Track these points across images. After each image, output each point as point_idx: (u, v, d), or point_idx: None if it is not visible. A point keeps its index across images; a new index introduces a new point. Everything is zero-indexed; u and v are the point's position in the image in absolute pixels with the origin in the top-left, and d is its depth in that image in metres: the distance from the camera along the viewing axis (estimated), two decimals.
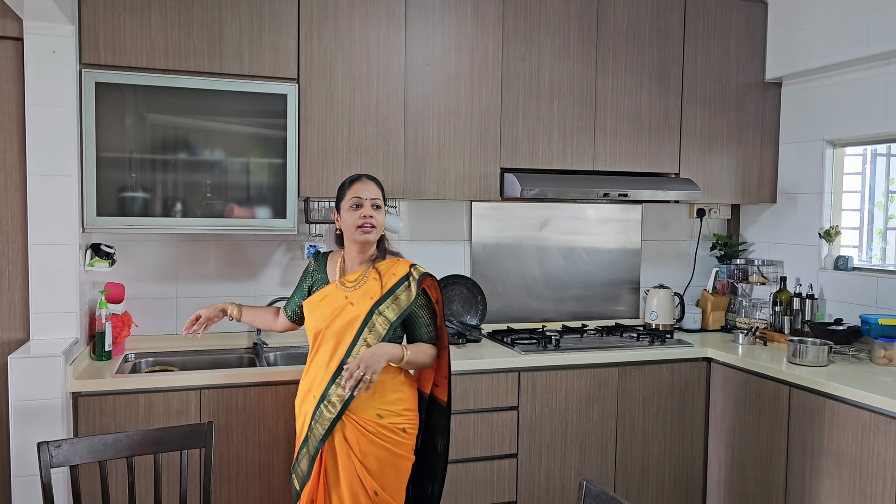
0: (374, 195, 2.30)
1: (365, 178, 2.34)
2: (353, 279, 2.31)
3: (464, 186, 3.19)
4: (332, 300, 2.29)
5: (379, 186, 2.35)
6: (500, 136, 3.23)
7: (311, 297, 2.35)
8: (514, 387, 3.03)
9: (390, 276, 2.30)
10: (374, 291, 2.27)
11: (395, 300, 2.27)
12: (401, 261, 2.35)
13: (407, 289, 2.28)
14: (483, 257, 3.59)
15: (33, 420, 2.40)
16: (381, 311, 2.24)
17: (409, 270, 2.31)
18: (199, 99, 2.83)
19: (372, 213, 2.27)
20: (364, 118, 3.03)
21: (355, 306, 2.25)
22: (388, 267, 2.32)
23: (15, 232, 2.63)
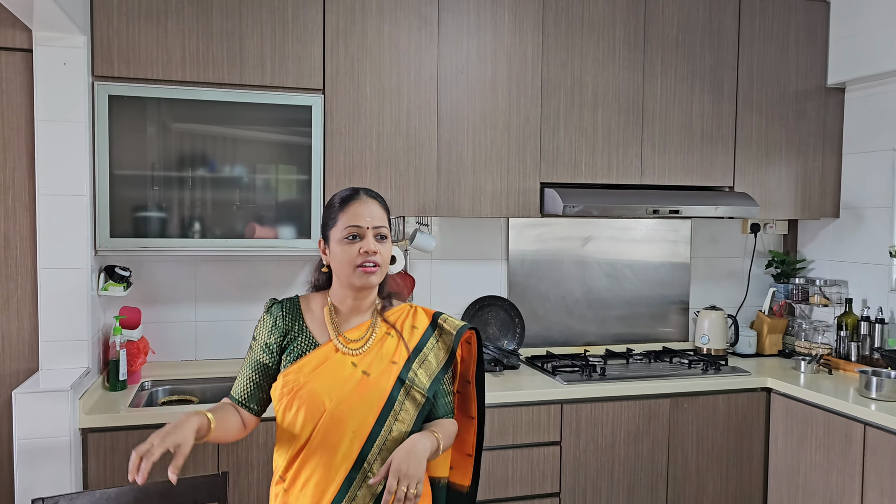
0: (378, 221, 1.64)
1: (365, 196, 1.66)
2: (356, 336, 1.66)
3: (501, 203, 2.97)
4: (333, 368, 1.61)
5: (384, 207, 1.69)
6: (540, 148, 3.00)
7: (299, 364, 1.61)
8: (556, 420, 2.79)
9: (410, 331, 1.71)
10: (394, 352, 1.66)
11: (423, 363, 1.67)
12: (415, 308, 1.77)
13: (436, 347, 1.71)
14: (521, 276, 3.36)
15: (39, 460, 2.23)
16: (413, 380, 1.63)
17: (433, 321, 1.73)
18: (218, 112, 2.66)
19: (376, 246, 1.62)
20: (394, 131, 2.82)
21: (373, 376, 1.61)
22: (401, 317, 1.73)
23: (24, 255, 2.48)
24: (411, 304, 1.79)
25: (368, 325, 1.70)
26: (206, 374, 2.91)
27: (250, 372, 1.68)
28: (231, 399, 1.69)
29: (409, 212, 2.85)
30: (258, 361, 1.67)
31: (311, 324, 1.68)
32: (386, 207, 1.71)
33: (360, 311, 1.70)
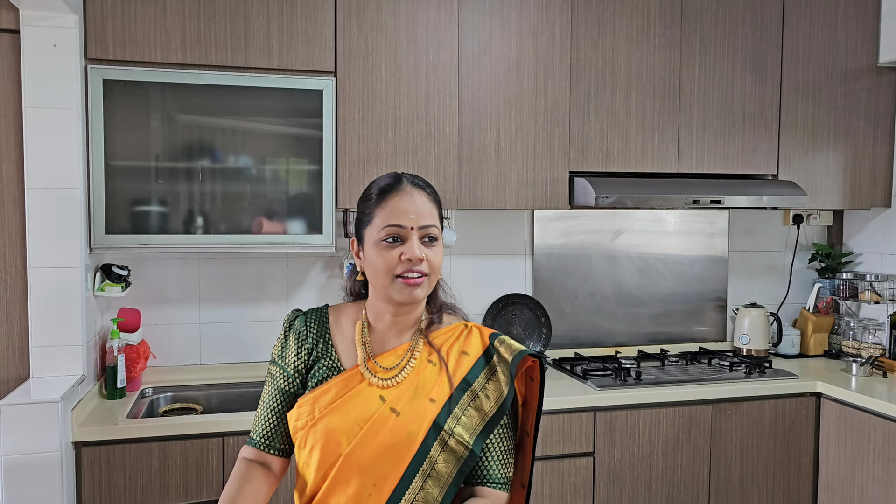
0: (426, 219, 1.31)
1: (409, 185, 1.33)
2: (391, 363, 1.34)
3: (527, 193, 2.74)
4: (357, 401, 1.31)
5: (434, 199, 1.37)
6: (569, 134, 2.78)
7: (315, 394, 1.34)
8: (588, 429, 2.57)
9: (458, 358, 1.35)
10: (433, 385, 1.31)
11: (472, 402, 1.31)
12: (471, 327, 1.40)
13: (490, 381, 1.33)
14: (546, 273, 3.14)
15: (28, 477, 2.04)
16: (453, 427, 1.27)
17: (489, 345, 1.36)
18: (222, 97, 2.45)
19: (423, 252, 1.30)
20: (412, 116, 2.61)
21: (403, 416, 1.28)
22: (450, 338, 1.37)
23: (13, 254, 2.29)
24: (467, 322, 1.42)
25: (407, 347, 1.36)
26: (211, 379, 2.72)
27: (273, 403, 1.39)
28: (250, 444, 1.40)
29: None
30: (282, 391, 1.39)
31: (338, 342, 1.39)
32: (437, 200, 1.37)
33: (401, 331, 1.38)
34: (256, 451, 1.40)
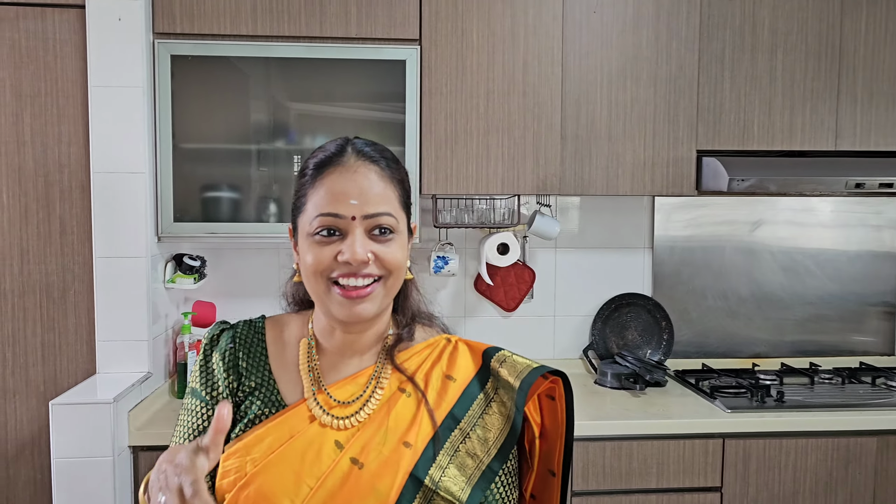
0: (376, 205, 0.96)
1: (355, 157, 0.98)
2: (348, 395, 1.00)
3: (644, 177, 2.33)
4: (304, 450, 0.95)
5: (393, 175, 1.00)
6: (697, 105, 2.33)
7: (247, 441, 0.96)
8: (715, 459, 2.14)
9: (441, 386, 1.01)
10: (409, 425, 0.98)
11: (465, 442, 0.98)
12: (455, 342, 1.07)
13: (487, 414, 1.00)
14: (669, 269, 2.69)
15: (80, 481, 1.90)
16: (440, 481, 0.94)
17: (483, 364, 1.03)
18: (296, 71, 2.22)
19: (367, 249, 0.95)
20: (507, 88, 2.26)
21: (368, 469, 0.93)
22: (428, 357, 1.04)
23: (81, 242, 2.17)
24: (450, 336, 1.08)
25: (370, 374, 1.01)
26: None
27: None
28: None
29: (525, 189, 2.29)
30: (196, 428, 1.00)
31: (278, 367, 1.03)
32: (399, 177, 1.01)
33: (360, 351, 1.03)
34: None
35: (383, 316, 1.04)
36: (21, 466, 2.17)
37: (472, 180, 2.27)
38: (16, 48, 2.11)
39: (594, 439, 2.10)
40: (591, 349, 2.65)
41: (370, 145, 1.01)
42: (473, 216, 2.45)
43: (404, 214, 1.01)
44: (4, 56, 2.11)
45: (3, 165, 2.13)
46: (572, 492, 2.11)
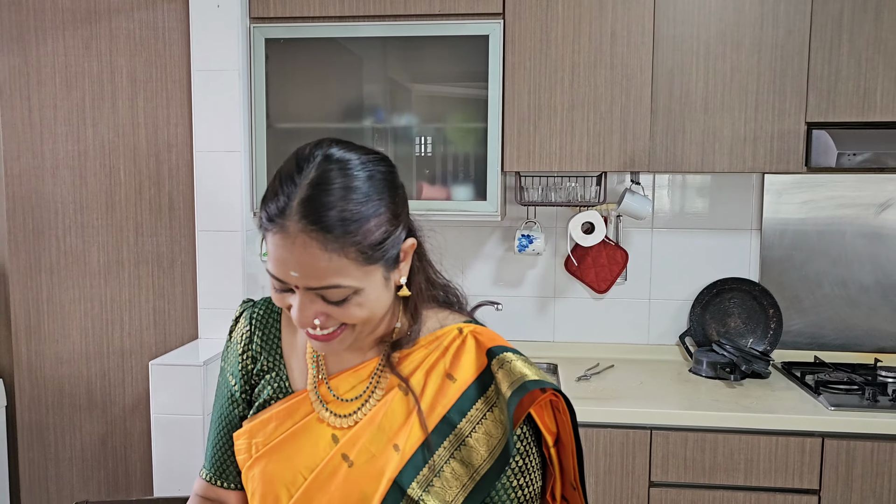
0: (318, 281, 0.85)
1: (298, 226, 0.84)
2: (349, 387, 0.98)
3: (744, 152, 2.16)
4: (302, 439, 0.96)
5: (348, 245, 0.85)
6: (808, 73, 2.12)
7: (252, 426, 1.00)
8: (813, 459, 1.97)
9: (442, 383, 0.95)
10: (401, 425, 0.94)
11: (460, 450, 0.92)
12: (466, 334, 0.98)
13: (489, 416, 0.94)
14: (779, 253, 2.49)
15: (175, 436, 2.07)
16: (421, 494, 0.91)
17: (488, 365, 0.96)
18: (382, 50, 2.25)
19: (319, 312, 0.88)
20: (593, 60, 2.17)
21: (357, 469, 0.92)
22: (433, 352, 0.97)
23: (186, 217, 2.34)
24: (462, 326, 0.98)
25: (372, 368, 0.97)
26: None
27: (219, 424, 1.06)
28: (201, 475, 1.09)
29: (611, 166, 2.20)
30: (225, 407, 1.05)
31: (289, 352, 1.02)
32: (356, 237, 0.85)
33: (360, 348, 0.99)
34: (206, 485, 1.08)
35: (381, 321, 0.98)
36: (136, 419, 2.40)
37: (556, 157, 2.21)
38: (131, 37, 2.30)
39: (675, 429, 2.00)
40: (689, 335, 2.51)
41: (324, 192, 0.84)
42: (561, 194, 2.38)
43: (373, 267, 0.88)
44: (121, 45, 2.30)
45: (120, 146, 2.33)
46: (650, 482, 2.02)
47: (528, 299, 2.59)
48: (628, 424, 2.02)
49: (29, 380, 2.43)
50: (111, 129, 2.33)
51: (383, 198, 0.89)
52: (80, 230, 2.37)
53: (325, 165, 0.87)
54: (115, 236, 2.36)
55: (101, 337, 2.39)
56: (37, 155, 2.35)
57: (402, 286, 0.95)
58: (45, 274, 2.39)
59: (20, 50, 2.32)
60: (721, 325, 2.50)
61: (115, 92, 2.31)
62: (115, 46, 2.30)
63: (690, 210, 2.52)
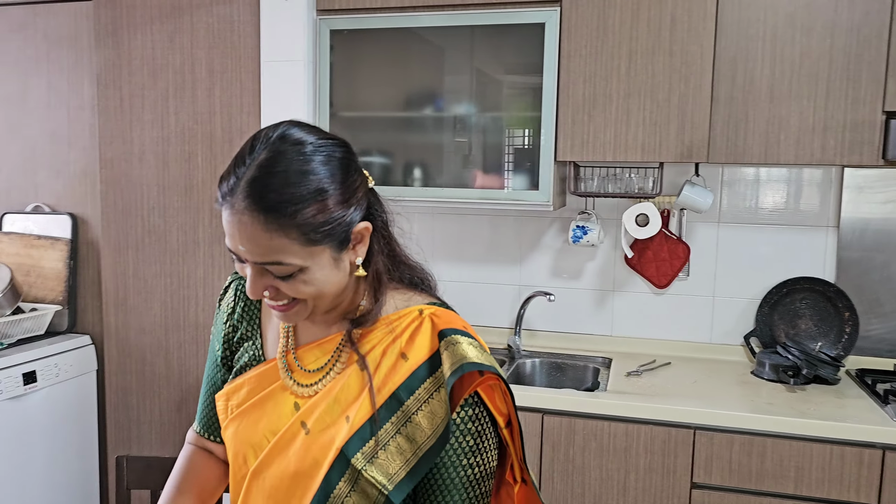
0: (262, 256, 0.90)
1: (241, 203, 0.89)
2: (314, 359, 1.03)
3: (813, 143, 2.04)
4: (268, 405, 1.03)
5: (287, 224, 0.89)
6: (888, 57, 1.97)
7: (227, 389, 1.08)
8: (872, 472, 1.84)
9: (395, 362, 0.98)
10: (354, 398, 0.97)
11: (406, 426, 0.95)
12: (424, 317, 1.00)
13: (436, 396, 0.96)
14: (857, 253, 2.32)
15: None
16: (365, 464, 0.94)
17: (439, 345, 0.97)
18: (441, 40, 2.29)
19: (267, 285, 0.94)
20: (651, 46, 2.11)
21: (312, 436, 0.97)
22: (393, 331, 1.00)
23: None
24: (423, 307, 1.01)
25: (336, 342, 1.02)
26: None
27: (207, 380, 1.16)
28: (194, 430, 1.20)
29: (668, 157, 2.13)
30: (210, 375, 1.15)
31: (267, 322, 1.10)
32: (296, 219, 0.89)
33: (325, 321, 1.04)
34: (196, 436, 1.19)
35: (343, 297, 1.02)
36: None
37: (610, 147, 2.17)
38: (210, 31, 2.45)
39: (719, 430, 1.93)
40: (754, 336, 2.39)
41: (271, 174, 0.89)
42: (619, 185, 2.33)
43: (317, 248, 0.91)
44: (201, 38, 2.46)
45: (198, 133, 2.50)
46: (692, 483, 1.96)
47: (585, 292, 2.56)
48: (670, 422, 1.96)
49: (116, 347, 2.65)
50: (190, 117, 2.50)
51: (332, 181, 0.92)
52: (162, 211, 2.56)
53: (277, 146, 0.91)
54: (193, 217, 2.53)
55: (179, 310, 2.58)
56: (126, 141, 2.56)
57: (359, 267, 0.98)
58: (131, 250, 2.60)
59: (114, 43, 2.53)
60: (790, 326, 2.37)
61: (195, 82, 2.48)
62: (195, 40, 2.46)
63: (760, 204, 2.40)
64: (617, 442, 2.00)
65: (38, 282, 2.66)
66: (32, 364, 2.42)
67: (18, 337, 2.50)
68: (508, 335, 2.57)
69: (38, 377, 2.43)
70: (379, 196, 1.03)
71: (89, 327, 2.70)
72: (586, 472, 2.03)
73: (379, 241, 1.01)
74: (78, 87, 2.62)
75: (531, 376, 2.48)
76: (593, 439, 2.02)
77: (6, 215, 2.73)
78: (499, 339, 2.58)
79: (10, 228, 2.72)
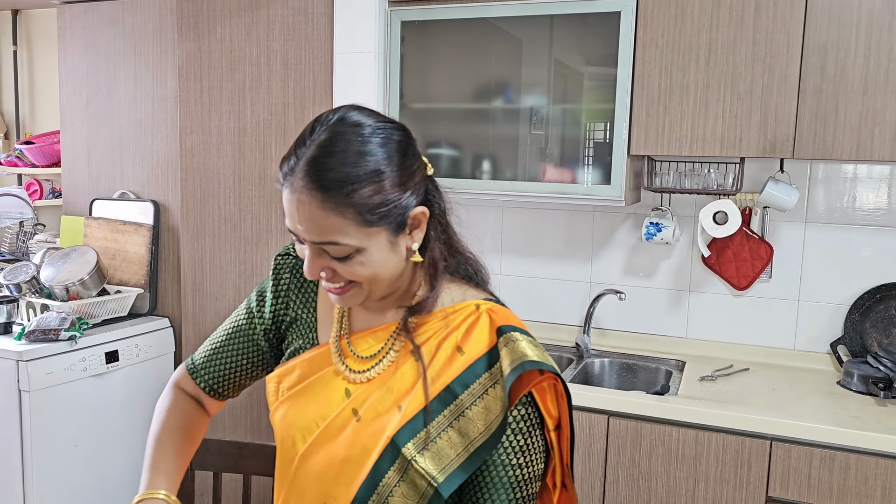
0: (318, 235, 0.91)
1: (300, 182, 0.90)
2: (368, 347, 1.02)
3: None
4: (320, 389, 1.02)
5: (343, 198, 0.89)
6: None
7: (279, 371, 1.08)
8: None
9: (451, 355, 0.97)
10: (408, 388, 0.97)
11: (459, 420, 0.94)
12: (482, 310, 0.98)
13: (491, 392, 0.94)
14: None
15: None
16: (415, 454, 0.93)
17: (498, 339, 0.96)
18: (513, 31, 2.25)
19: (324, 266, 0.94)
20: (733, 36, 2.00)
21: (363, 423, 0.97)
22: (449, 324, 0.98)
23: None
24: (480, 302, 0.99)
25: (391, 331, 1.01)
26: None
27: (228, 335, 1.15)
28: (188, 369, 1.18)
29: (749, 151, 2.02)
30: (243, 329, 1.13)
31: (322, 305, 1.09)
32: (352, 198, 0.89)
33: (380, 309, 1.04)
34: (186, 377, 1.18)
35: (399, 284, 1.01)
36: None
37: (687, 140, 2.07)
38: (285, 23, 2.49)
39: (798, 442, 1.81)
40: (842, 344, 2.25)
41: (329, 154, 0.89)
42: (696, 181, 2.23)
43: (373, 229, 0.91)
44: (276, 30, 2.50)
45: (273, 124, 2.54)
46: (767, 497, 1.85)
47: (660, 291, 2.46)
48: (745, 431, 1.86)
49: (193, 330, 2.74)
50: (265, 108, 2.54)
51: (390, 164, 0.92)
52: (237, 200, 2.62)
53: (336, 128, 0.92)
54: (266, 206, 2.59)
55: None
56: (205, 131, 2.63)
57: (415, 252, 0.97)
58: (208, 237, 2.68)
59: (195, 36, 2.60)
60: (884, 335, 2.21)
61: (270, 74, 2.52)
62: (271, 32, 2.51)
63: (852, 203, 2.24)
64: (686, 449, 1.92)
65: (122, 265, 2.78)
66: (115, 344, 2.53)
67: (103, 318, 2.62)
68: (577, 333, 2.50)
69: (119, 356, 2.54)
70: (437, 184, 1.03)
71: (168, 310, 2.80)
72: (653, 478, 1.95)
73: (436, 229, 1.00)
74: (162, 78, 2.71)
75: (599, 376, 2.41)
76: (661, 445, 1.94)
77: (95, 201, 2.86)
78: (567, 336, 2.52)
79: (99, 214, 2.85)
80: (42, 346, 2.30)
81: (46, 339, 2.33)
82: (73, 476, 2.41)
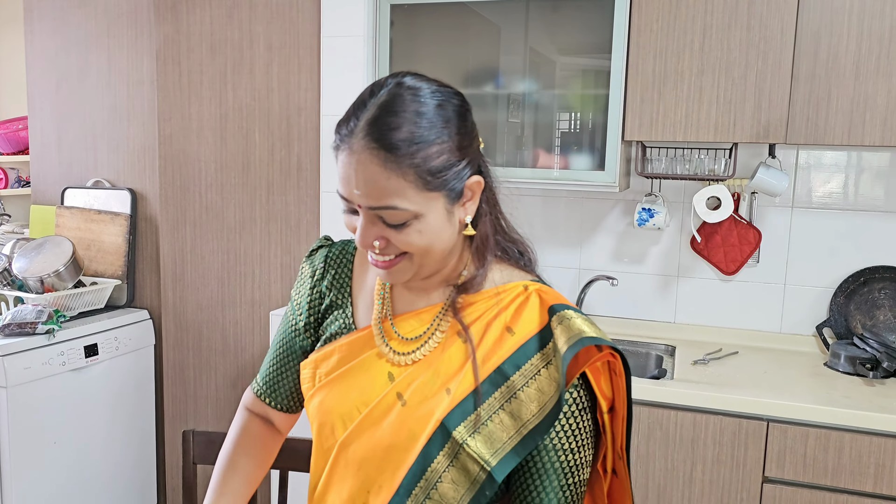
0: (377, 199, 0.88)
1: (361, 140, 0.88)
2: (412, 329, 0.99)
3: None
4: (361, 374, 0.99)
5: (405, 164, 0.87)
6: None
7: (315, 357, 1.04)
8: None
9: (501, 335, 0.95)
10: (456, 370, 0.94)
11: (510, 402, 0.91)
12: (531, 291, 0.97)
13: (543, 373, 0.92)
14: None
15: None
16: (467, 437, 0.90)
17: (549, 318, 0.94)
18: (503, 16, 2.22)
19: (378, 235, 0.91)
20: (728, 21, 2.01)
21: (409, 408, 0.94)
22: (497, 304, 0.96)
23: (313, 178, 2.45)
24: (528, 283, 0.97)
25: (435, 313, 0.98)
26: None
27: (278, 346, 1.13)
28: (253, 388, 1.16)
29: (742, 136, 2.03)
30: (288, 334, 1.11)
31: (358, 291, 1.06)
32: (415, 159, 0.87)
33: (425, 290, 1.01)
34: (255, 399, 1.16)
35: (447, 261, 0.98)
36: None
37: (681, 126, 2.08)
38: (268, 6, 2.43)
39: (794, 423, 1.84)
40: (828, 326, 2.29)
41: (391, 114, 0.87)
42: (688, 166, 2.24)
43: (433, 194, 0.89)
44: (259, 13, 2.43)
45: (256, 109, 2.48)
46: (764, 477, 1.88)
47: (649, 277, 2.48)
48: (742, 414, 1.89)
49: (174, 322, 2.67)
50: (248, 94, 2.48)
51: (449, 127, 0.90)
52: (219, 188, 2.55)
53: (396, 90, 0.90)
54: (250, 195, 2.52)
55: (235, 287, 2.58)
56: (185, 117, 2.56)
57: (468, 225, 0.95)
58: (189, 227, 2.61)
59: (173, 18, 2.52)
60: (868, 317, 2.26)
61: (253, 58, 2.46)
62: (254, 15, 2.44)
63: (836, 189, 2.28)
64: (684, 432, 1.93)
65: (98, 256, 2.69)
66: (94, 337, 2.45)
67: (80, 310, 2.53)
68: None
69: (99, 350, 2.46)
70: (486, 159, 1.01)
71: (147, 302, 2.72)
72: (650, 461, 1.97)
73: (487, 202, 0.98)
74: (138, 62, 2.62)
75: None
76: (658, 428, 1.95)
77: (68, 190, 2.76)
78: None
79: (72, 202, 2.75)
80: (18, 340, 2.21)
81: (23, 332, 2.24)
82: (53, 473, 2.33)
